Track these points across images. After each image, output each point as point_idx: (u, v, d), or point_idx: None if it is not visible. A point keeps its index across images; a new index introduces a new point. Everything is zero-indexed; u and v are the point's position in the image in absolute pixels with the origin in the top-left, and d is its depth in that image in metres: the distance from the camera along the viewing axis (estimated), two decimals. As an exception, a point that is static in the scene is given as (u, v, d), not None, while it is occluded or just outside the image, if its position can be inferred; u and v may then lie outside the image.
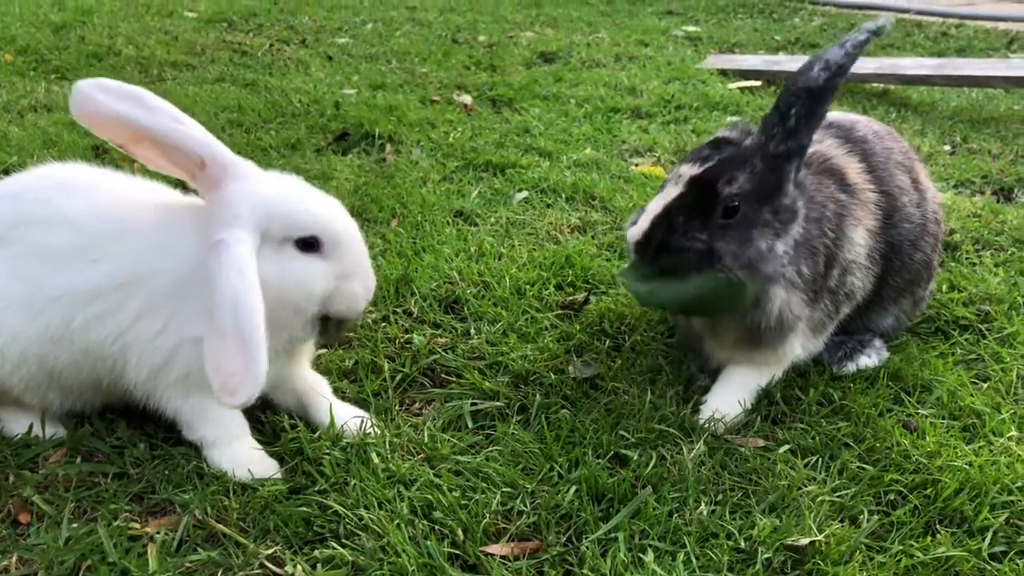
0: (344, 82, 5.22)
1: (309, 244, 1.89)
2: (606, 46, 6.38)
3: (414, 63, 5.78)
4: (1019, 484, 1.88)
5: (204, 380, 1.88)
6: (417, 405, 2.25)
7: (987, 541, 1.75)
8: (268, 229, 1.84)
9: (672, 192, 2.04)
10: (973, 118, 4.69)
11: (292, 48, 6.13)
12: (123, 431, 2.06)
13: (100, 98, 1.83)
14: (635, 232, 2.03)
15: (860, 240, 2.23)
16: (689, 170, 2.05)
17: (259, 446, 2.00)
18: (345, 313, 1.96)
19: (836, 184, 2.25)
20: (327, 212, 1.93)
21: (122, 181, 2.03)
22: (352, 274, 1.94)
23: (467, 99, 4.94)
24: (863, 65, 5.31)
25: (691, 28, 7.13)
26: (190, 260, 1.85)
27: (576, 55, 6.07)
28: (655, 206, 2.04)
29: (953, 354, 2.42)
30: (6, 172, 3.14)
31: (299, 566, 1.68)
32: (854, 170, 2.29)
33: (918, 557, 1.71)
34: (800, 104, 1.99)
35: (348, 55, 5.96)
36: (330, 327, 2.00)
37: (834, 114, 2.53)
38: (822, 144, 2.33)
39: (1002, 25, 7.08)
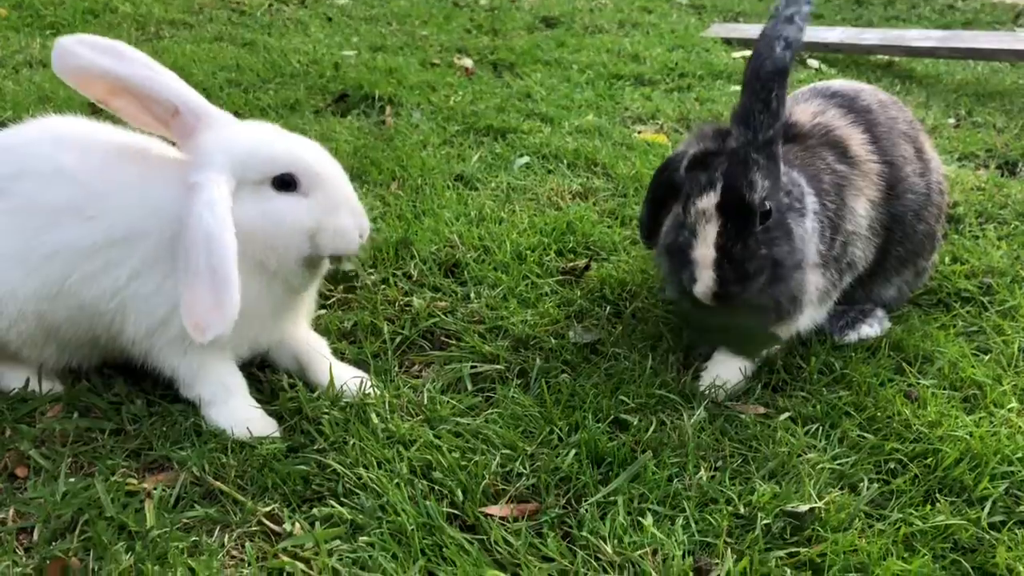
0: (344, 43, 5.15)
1: (286, 183, 1.88)
2: (609, 12, 6.31)
3: (415, 26, 5.71)
4: (1019, 455, 1.88)
5: None
6: (416, 367, 2.24)
7: (986, 510, 1.75)
8: (244, 173, 1.84)
9: (711, 231, 1.96)
10: (978, 91, 4.65)
11: (291, 8, 6.04)
12: (120, 387, 2.05)
13: (80, 52, 1.85)
14: (706, 290, 1.97)
15: (862, 211, 2.21)
16: (709, 201, 1.96)
17: (257, 405, 1.99)
18: (341, 250, 1.94)
19: (835, 155, 2.22)
20: (302, 150, 1.91)
21: (121, 136, 2.00)
22: (336, 208, 1.91)
23: (468, 63, 4.89)
24: (868, 37, 5.27)
25: (695, -4, 7.05)
26: (178, 217, 1.81)
27: (579, 20, 6.01)
28: (706, 252, 1.96)
29: (955, 326, 2.41)
30: (1, 125, 3.09)
31: (297, 523, 1.68)
32: (857, 141, 2.26)
33: (917, 525, 1.71)
34: (776, 86, 1.94)
35: (348, 16, 5.88)
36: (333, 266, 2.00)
37: (839, 82, 2.50)
38: (825, 115, 2.30)
39: (1009, -1, 7.02)
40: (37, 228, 1.85)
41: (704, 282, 1.97)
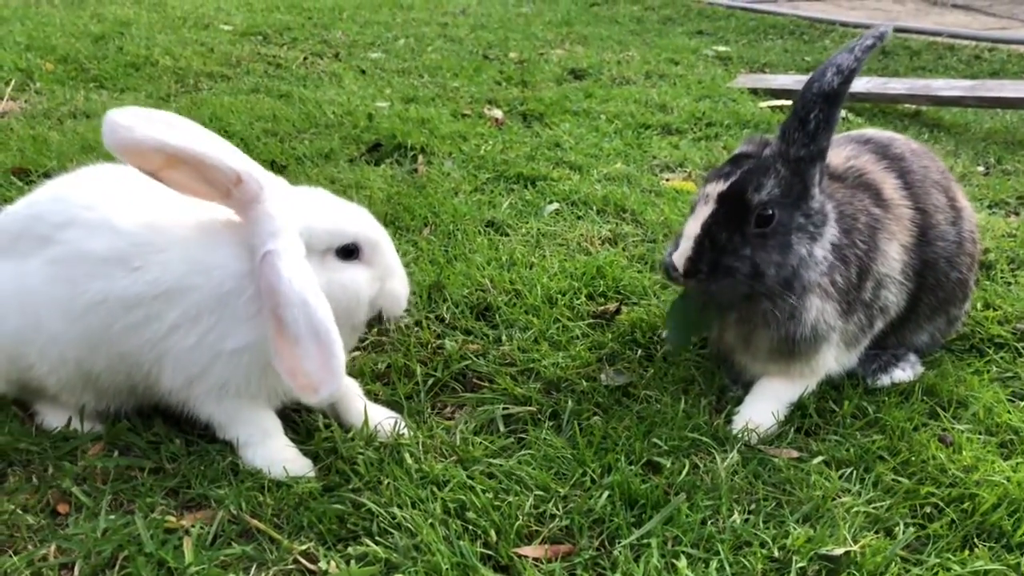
0: (377, 95, 5.27)
1: (350, 252, 1.94)
2: (636, 64, 6.40)
3: (446, 78, 5.83)
4: (1058, 501, 1.86)
5: (239, 387, 1.92)
6: (449, 409, 2.26)
7: (1026, 556, 1.73)
8: (310, 241, 1.87)
9: (704, 211, 2.05)
10: (1007, 140, 4.66)
11: (326, 61, 6.20)
12: (159, 427, 2.08)
13: (133, 125, 1.77)
14: (680, 257, 2.04)
15: (894, 254, 2.23)
16: (715, 188, 2.07)
17: (293, 445, 2.02)
18: (391, 311, 2.03)
19: (871, 198, 2.25)
20: (362, 220, 1.99)
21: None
22: (391, 274, 2.01)
23: (498, 113, 4.97)
24: (894, 86, 5.30)
25: (721, 48, 7.14)
26: (230, 274, 1.87)
27: (606, 72, 6.10)
28: (692, 228, 2.05)
29: (989, 371, 2.40)
30: (46, 175, 3.19)
31: (332, 562, 1.69)
32: (890, 186, 2.29)
33: (955, 570, 1.69)
34: (818, 108, 2.01)
35: (381, 69, 6.01)
36: (374, 323, 2.07)
37: (872, 131, 2.54)
38: (859, 159, 2.33)
39: (1035, 49, 7.04)
40: (82, 278, 1.88)
41: (681, 252, 2.04)
